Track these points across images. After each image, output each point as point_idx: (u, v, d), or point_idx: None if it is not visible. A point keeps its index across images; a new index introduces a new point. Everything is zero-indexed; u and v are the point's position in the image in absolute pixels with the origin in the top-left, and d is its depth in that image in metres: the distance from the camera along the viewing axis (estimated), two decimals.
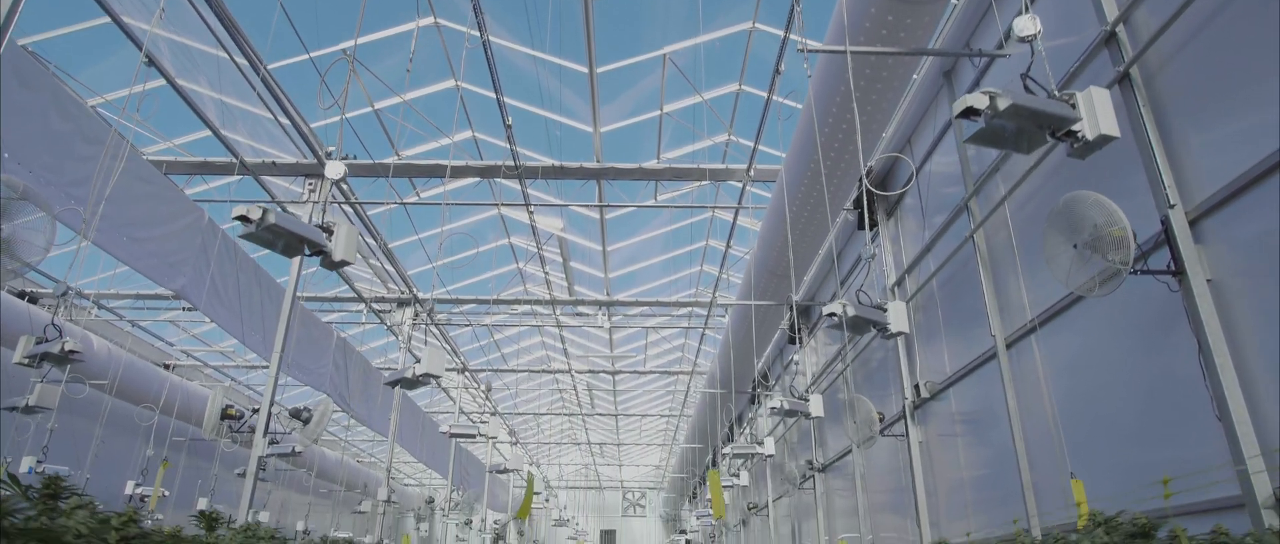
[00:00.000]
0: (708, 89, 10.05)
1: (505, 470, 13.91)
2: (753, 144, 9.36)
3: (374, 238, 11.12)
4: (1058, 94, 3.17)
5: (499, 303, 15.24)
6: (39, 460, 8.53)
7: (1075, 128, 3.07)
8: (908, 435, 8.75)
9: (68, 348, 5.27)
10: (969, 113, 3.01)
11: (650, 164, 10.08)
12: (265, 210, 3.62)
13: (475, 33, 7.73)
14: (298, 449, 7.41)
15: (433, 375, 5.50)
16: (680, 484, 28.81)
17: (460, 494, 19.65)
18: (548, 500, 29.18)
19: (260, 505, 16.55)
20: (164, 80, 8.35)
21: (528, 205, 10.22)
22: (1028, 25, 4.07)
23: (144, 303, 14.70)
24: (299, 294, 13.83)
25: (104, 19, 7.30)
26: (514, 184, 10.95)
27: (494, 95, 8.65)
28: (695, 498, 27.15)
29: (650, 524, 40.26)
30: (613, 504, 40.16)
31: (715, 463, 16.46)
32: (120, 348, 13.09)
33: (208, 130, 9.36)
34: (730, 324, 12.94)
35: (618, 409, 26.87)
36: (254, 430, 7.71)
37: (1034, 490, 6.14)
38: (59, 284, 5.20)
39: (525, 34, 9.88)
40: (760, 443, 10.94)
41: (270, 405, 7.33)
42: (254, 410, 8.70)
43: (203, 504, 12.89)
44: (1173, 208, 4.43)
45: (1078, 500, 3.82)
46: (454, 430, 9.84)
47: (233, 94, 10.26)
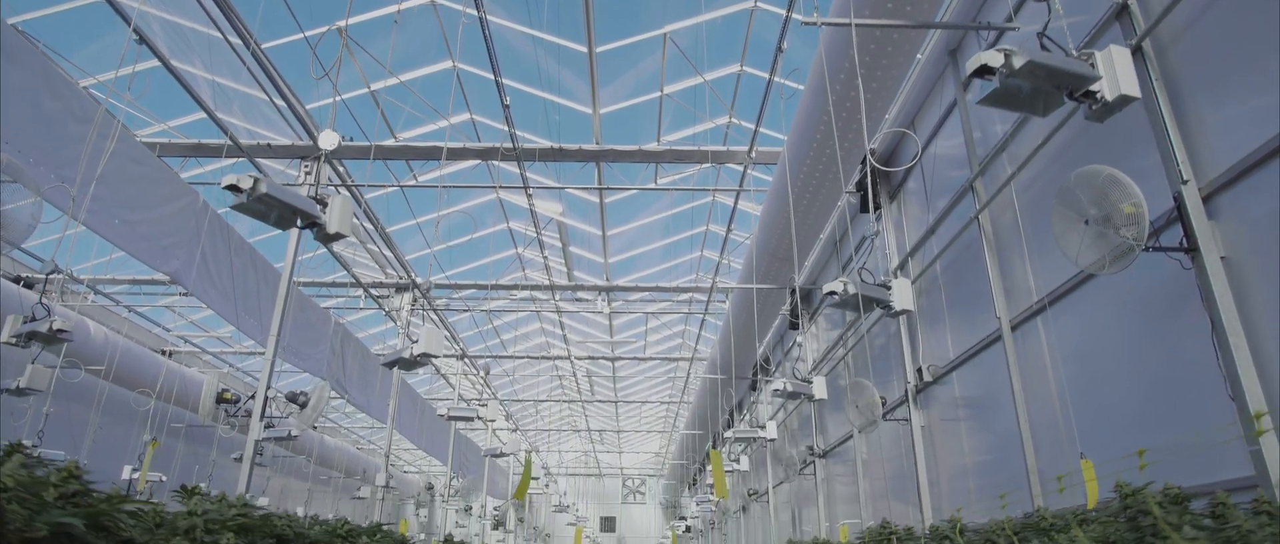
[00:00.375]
0: (708, 70, 9.92)
1: (502, 454, 13.85)
2: (754, 126, 9.25)
3: (372, 222, 11.01)
4: (1076, 53, 3.05)
5: (498, 288, 15.15)
6: (34, 445, 8.45)
7: (1094, 88, 2.96)
8: (910, 420, 8.68)
9: (56, 327, 5.18)
10: (983, 71, 2.90)
11: (651, 146, 9.95)
12: (257, 179, 3.52)
13: (472, 11, 7.60)
14: (294, 433, 7.33)
15: (430, 355, 5.40)
16: (680, 471, 28.82)
17: (460, 481, 19.63)
18: (547, 486, 29.18)
19: (259, 491, 16.52)
20: (157, 61, 8.23)
21: (526, 188, 10.11)
22: None
23: (140, 288, 14.61)
24: (296, 279, 13.75)
25: None
26: (512, 167, 10.84)
27: (492, 77, 8.52)
28: (695, 485, 27.16)
29: (650, 511, 40.33)
30: (612, 491, 40.22)
31: (717, 444, 16.37)
32: (117, 333, 13.01)
33: (202, 112, 9.24)
34: (731, 309, 12.85)
35: (617, 396, 26.83)
36: (250, 415, 7.62)
37: (1039, 475, 6.06)
38: (47, 262, 5.10)
39: (523, 13, 9.75)
40: (762, 427, 10.86)
41: (267, 389, 7.23)
42: (251, 396, 8.61)
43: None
44: (1186, 183, 4.33)
45: (1088, 482, 3.74)
46: (452, 413, 9.76)
47: (227, 75, 10.14)
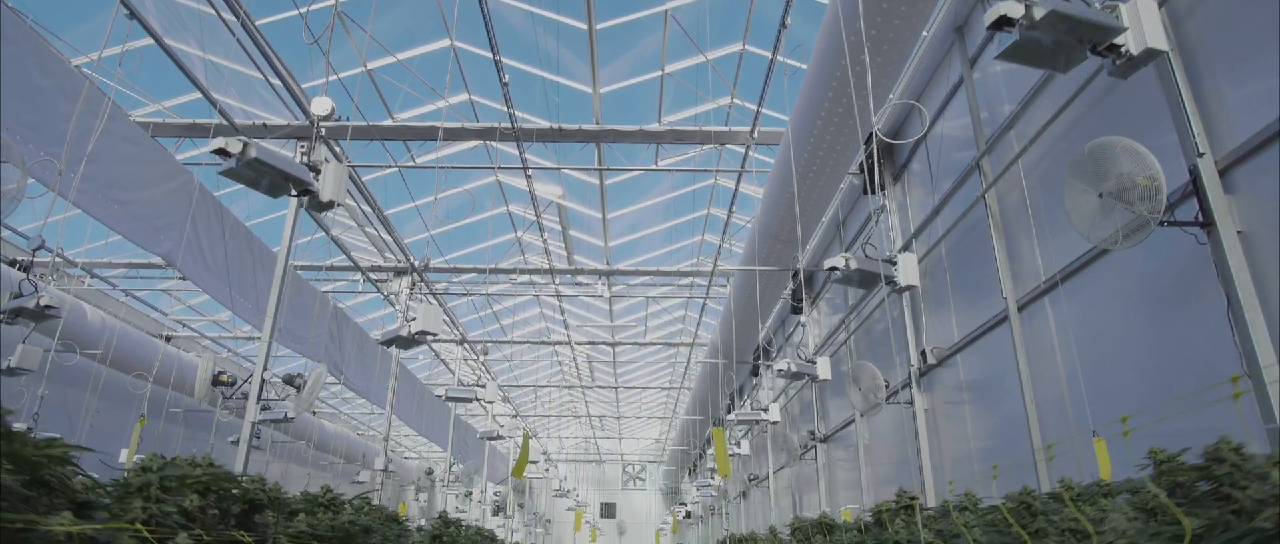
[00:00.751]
0: (710, 49, 9.77)
1: (499, 437, 13.78)
2: (756, 107, 9.12)
3: (370, 205, 10.89)
4: (1099, 4, 2.92)
5: (497, 272, 15.04)
6: (29, 428, 8.37)
7: (1118, 41, 2.83)
8: (913, 403, 8.59)
9: (43, 303, 5.07)
10: (1002, 23, 2.77)
11: (652, 127, 9.82)
12: (246, 143, 3.40)
13: None
14: (290, 415, 7.25)
15: (428, 333, 5.30)
16: (680, 457, 28.81)
17: (460, 467, 19.59)
18: (547, 470, 29.18)
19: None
20: (150, 39, 8.09)
21: (525, 168, 9.98)
22: None
23: (138, 272, 14.50)
24: (293, 263, 13.63)
25: None
26: (512, 149, 10.70)
27: (490, 55, 8.38)
28: (695, 471, 27.16)
29: (650, 497, 40.39)
30: (613, 478, 40.27)
31: (720, 422, 16.27)
32: (114, 317, 12.92)
33: (197, 92, 9.10)
34: (732, 293, 12.76)
35: (618, 382, 26.78)
36: (247, 397, 7.53)
37: (1047, 463, 5.97)
38: (34, 239, 4.99)
39: None
40: (765, 409, 10.78)
41: (263, 370, 7.15)
42: (247, 379, 8.52)
43: None
44: (1202, 156, 4.21)
45: (1100, 459, 3.64)
46: (451, 393, 9.67)
47: (222, 55, 9.99)
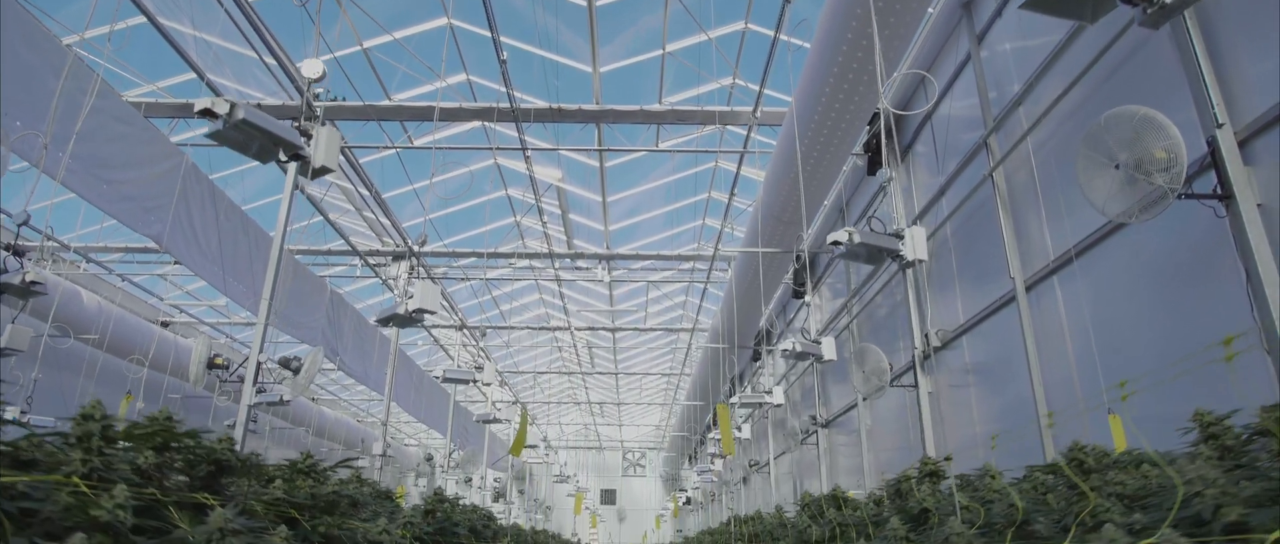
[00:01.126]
0: (712, 27, 9.61)
1: (496, 420, 13.70)
2: (758, 87, 8.98)
3: (367, 187, 10.75)
4: None
5: (496, 256, 14.92)
6: (22, 411, 8.27)
7: None
8: (917, 386, 8.48)
9: (29, 278, 4.96)
10: None
11: (652, 107, 9.67)
12: (234, 104, 3.27)
13: None
14: (285, 398, 7.15)
15: (425, 311, 5.19)
16: (680, 443, 28.79)
17: (460, 453, 19.54)
18: (547, 454, 29.16)
19: None
20: (143, 17, 7.95)
21: (524, 149, 9.84)
22: None
23: (134, 257, 14.38)
24: (290, 247, 13.52)
25: None
26: (510, 131, 10.56)
27: (488, 34, 8.23)
28: (695, 458, 27.13)
29: (650, 484, 40.44)
30: (613, 464, 40.30)
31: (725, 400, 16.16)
32: (111, 302, 12.81)
33: (191, 72, 8.96)
34: (733, 277, 12.65)
35: (618, 368, 26.72)
36: (242, 380, 7.43)
37: (1054, 441, 5.88)
38: (19, 214, 4.87)
39: None
40: (768, 392, 10.69)
41: (259, 352, 7.03)
42: (243, 361, 8.42)
43: None
44: (1221, 127, 4.09)
45: (1116, 438, 3.54)
46: (448, 375, 9.57)
47: (216, 34, 9.84)
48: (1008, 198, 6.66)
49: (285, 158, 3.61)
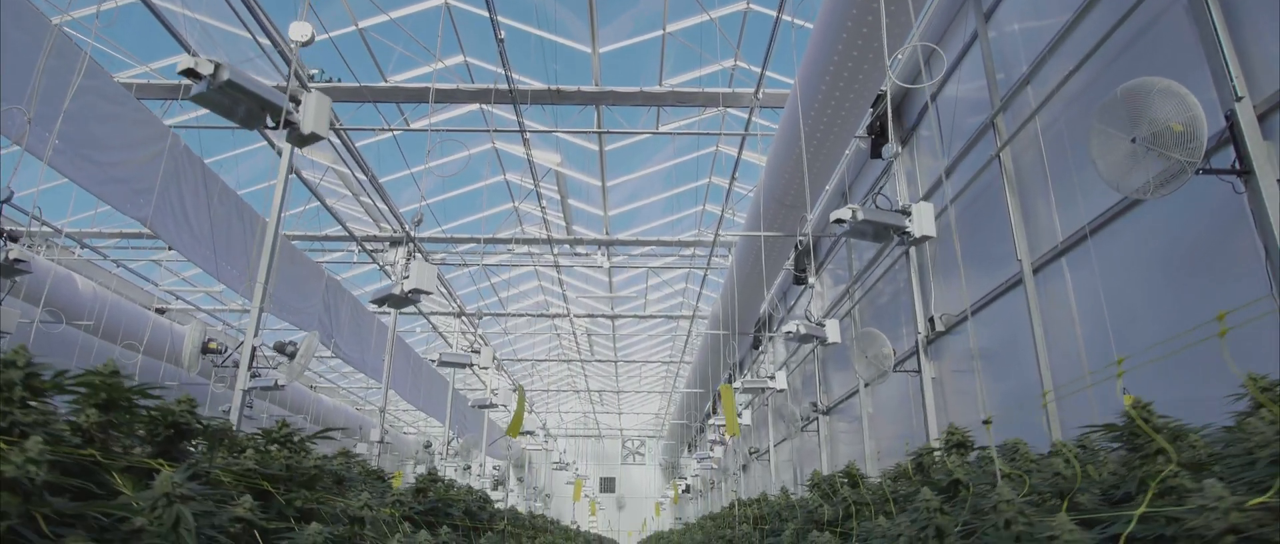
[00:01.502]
0: (714, 7, 9.45)
1: (492, 405, 13.61)
2: (760, 69, 8.83)
3: (363, 171, 10.60)
4: None
5: (494, 242, 14.79)
6: None
7: None
8: (920, 371, 8.39)
9: (12, 256, 4.84)
10: None
11: (653, 88, 9.52)
12: (219, 65, 3.13)
13: None
14: (280, 382, 7.05)
15: (422, 291, 5.07)
16: (680, 431, 28.74)
17: (459, 441, 19.47)
18: (546, 440, 29.11)
19: None
20: None
21: (522, 131, 9.68)
22: None
23: (129, 242, 14.25)
24: (287, 233, 13.38)
25: None
26: (508, 114, 10.41)
27: (486, 13, 8.08)
28: (695, 446, 27.09)
29: (649, 472, 40.45)
30: (612, 453, 40.30)
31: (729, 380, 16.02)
32: (106, 288, 12.69)
33: (184, 53, 8.79)
34: (734, 262, 12.53)
35: (617, 356, 26.63)
36: (237, 365, 7.31)
37: (1062, 425, 5.77)
38: (3, 189, 4.74)
39: None
40: (771, 377, 10.59)
41: (254, 335, 6.92)
42: (237, 346, 8.30)
43: None
44: (1240, 100, 3.96)
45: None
46: (445, 358, 9.46)
47: (210, 14, 9.68)
48: (1015, 178, 6.53)
49: (273, 124, 3.48)
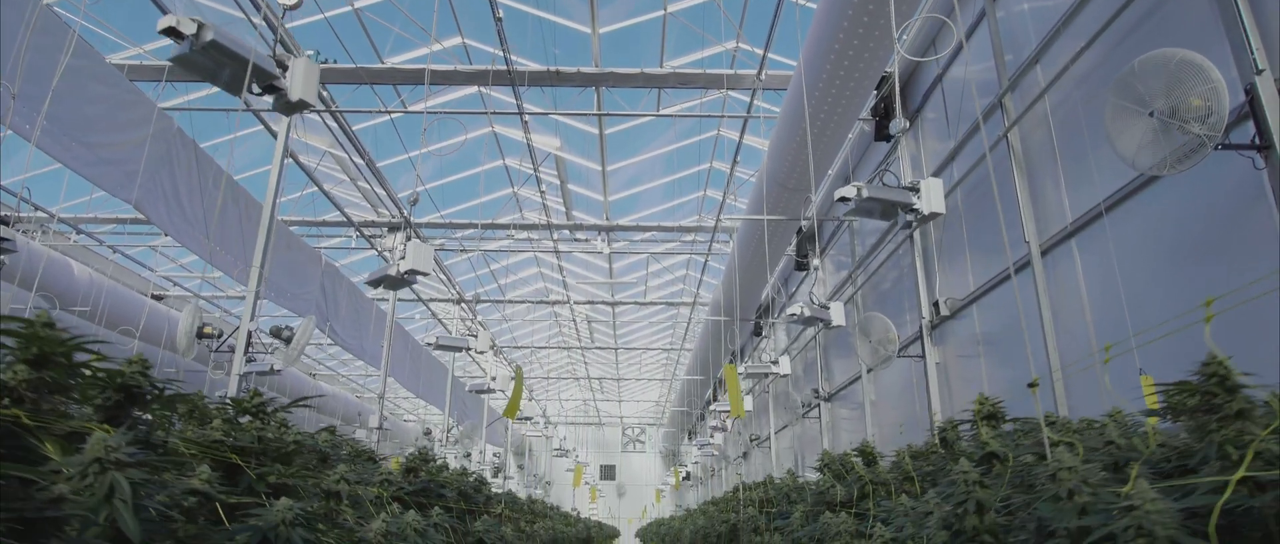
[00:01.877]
0: None
1: (490, 390, 13.52)
2: (763, 50, 8.69)
3: (360, 154, 10.47)
4: None
5: (493, 227, 14.66)
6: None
7: None
8: (924, 357, 8.28)
9: None
10: None
11: (653, 70, 9.36)
12: (202, 24, 3.00)
13: None
14: (276, 367, 6.95)
15: (418, 272, 4.97)
16: (680, 418, 28.71)
17: (459, 428, 19.41)
18: (546, 427, 29.09)
19: None
20: None
21: (521, 113, 9.54)
22: None
23: (125, 228, 14.13)
24: (283, 218, 13.25)
25: None
26: (508, 96, 10.27)
27: None
28: (695, 433, 27.06)
29: (650, 459, 40.48)
30: (612, 440, 40.31)
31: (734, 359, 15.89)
32: (102, 274, 12.59)
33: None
34: (735, 248, 12.41)
35: (617, 343, 26.56)
36: (233, 350, 7.21)
37: (1070, 412, 5.66)
38: None
39: None
40: (775, 361, 10.49)
41: (250, 319, 6.81)
42: (234, 331, 8.19)
43: None
44: (1260, 73, 3.82)
45: (1149, 402, 3.30)
46: (442, 341, 9.36)
47: None
48: (1023, 159, 6.40)
49: (259, 89, 3.35)
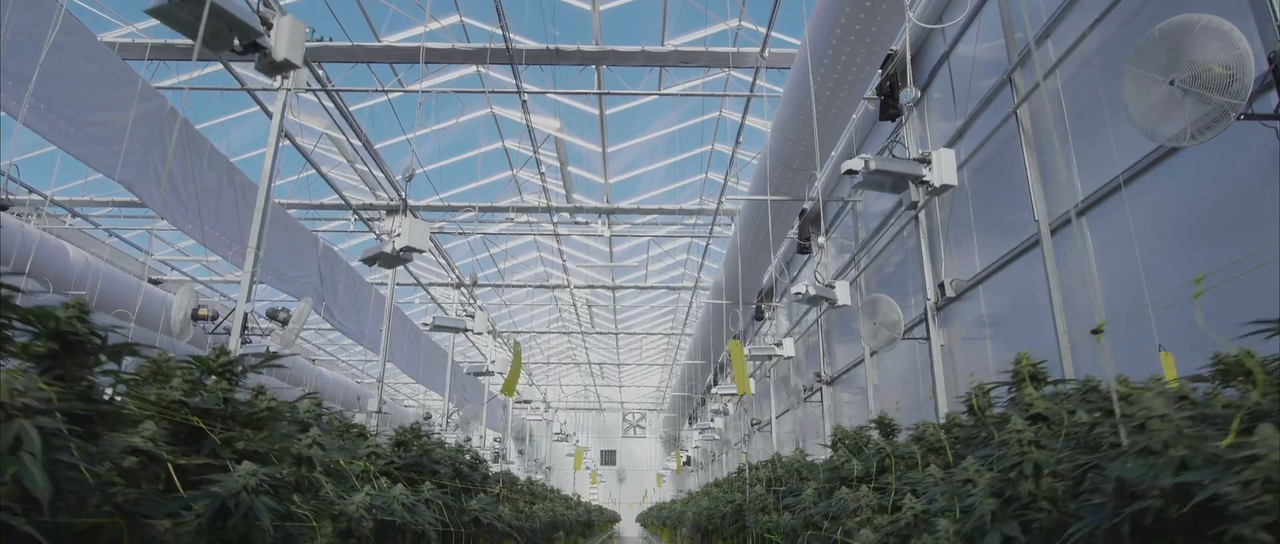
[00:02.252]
0: None
1: (489, 372, 13.43)
2: (765, 29, 8.53)
3: (357, 135, 10.32)
4: None
5: (493, 210, 14.53)
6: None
7: None
8: (929, 339, 8.17)
9: None
10: None
11: (654, 48, 9.20)
12: None
13: None
14: (272, 349, 6.85)
15: (414, 249, 4.86)
16: (681, 403, 28.68)
17: (458, 414, 19.34)
18: (546, 411, 29.08)
19: None
20: None
21: (521, 93, 9.39)
22: None
23: (121, 211, 14.01)
24: (281, 201, 13.12)
25: None
26: (506, 76, 10.11)
27: None
28: (695, 418, 27.03)
29: (650, 445, 40.52)
30: (613, 425, 40.34)
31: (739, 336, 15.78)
32: (98, 258, 12.48)
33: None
34: (737, 230, 12.29)
35: (618, 327, 26.48)
36: (228, 333, 7.11)
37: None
38: None
39: None
40: (779, 344, 10.39)
41: (246, 299, 6.70)
42: (229, 313, 8.09)
43: None
44: None
45: (1168, 377, 3.20)
46: (438, 322, 9.26)
47: None
48: (1032, 136, 6.27)
49: (241, 47, 3.23)
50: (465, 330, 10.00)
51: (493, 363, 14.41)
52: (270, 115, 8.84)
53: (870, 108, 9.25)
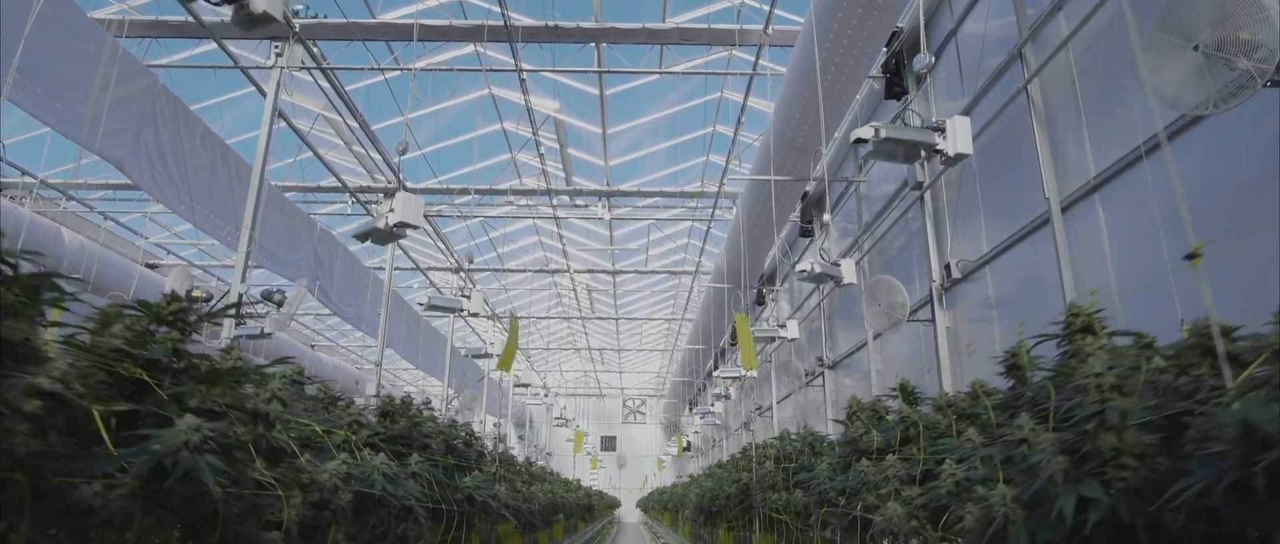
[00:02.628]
0: None
1: (486, 355, 13.32)
2: (769, 6, 8.37)
3: (353, 115, 10.16)
4: None
5: (491, 193, 14.38)
6: None
7: None
8: (934, 321, 8.06)
9: None
10: None
11: (655, 25, 9.03)
12: None
13: None
14: (268, 330, 6.74)
15: (408, 225, 4.74)
16: (681, 389, 28.62)
17: (457, 400, 19.27)
18: (546, 396, 29.03)
19: None
20: None
21: (519, 71, 9.22)
22: None
23: (116, 194, 13.87)
24: (277, 184, 12.97)
25: None
26: (504, 56, 9.94)
27: None
28: (696, 403, 26.98)
29: (650, 431, 40.52)
30: (613, 411, 40.32)
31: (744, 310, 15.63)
32: (94, 241, 12.35)
33: None
34: (740, 213, 12.15)
35: (618, 313, 26.37)
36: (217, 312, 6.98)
37: None
38: None
39: None
40: (782, 326, 10.27)
41: (241, 280, 6.59)
42: (224, 295, 7.97)
43: None
44: None
45: None
46: (434, 302, 9.14)
47: None
48: (1043, 112, 6.12)
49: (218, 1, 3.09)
50: (460, 311, 9.88)
51: (491, 345, 14.30)
52: (264, 94, 8.70)
53: (875, 87, 9.10)
